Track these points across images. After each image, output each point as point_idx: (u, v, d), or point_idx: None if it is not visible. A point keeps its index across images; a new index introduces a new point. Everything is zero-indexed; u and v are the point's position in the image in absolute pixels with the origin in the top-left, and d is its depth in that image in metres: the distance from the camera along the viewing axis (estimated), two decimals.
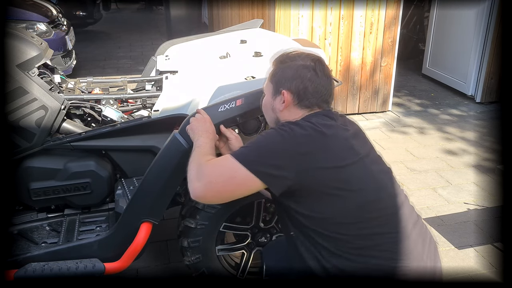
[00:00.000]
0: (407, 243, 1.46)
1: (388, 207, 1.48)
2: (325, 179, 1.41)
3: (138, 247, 1.96)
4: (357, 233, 1.43)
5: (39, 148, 2.05)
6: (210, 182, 1.44)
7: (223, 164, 1.46)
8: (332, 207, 1.42)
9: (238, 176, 1.41)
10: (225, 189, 1.45)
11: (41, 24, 5.35)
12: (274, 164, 1.39)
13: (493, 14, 4.76)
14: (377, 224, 1.44)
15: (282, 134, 1.43)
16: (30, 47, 2.12)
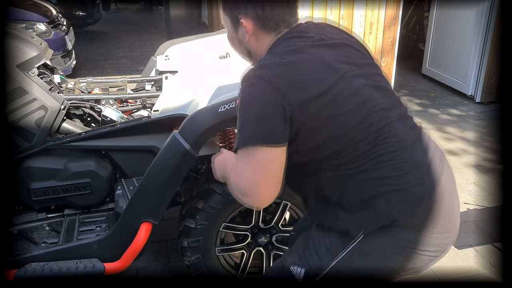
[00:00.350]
0: (413, 156, 1.36)
1: (380, 119, 1.35)
2: (312, 111, 1.30)
3: (138, 247, 1.96)
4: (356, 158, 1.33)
5: (39, 148, 2.05)
6: (249, 187, 1.33)
7: (240, 166, 1.34)
8: (323, 137, 1.32)
9: (259, 160, 1.29)
10: (263, 178, 1.31)
11: (41, 24, 5.35)
12: (272, 124, 1.28)
13: (493, 14, 4.76)
14: (375, 143, 1.33)
15: (254, 91, 1.30)
16: (30, 47, 2.12)
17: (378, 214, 1.34)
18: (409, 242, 1.35)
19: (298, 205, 2.16)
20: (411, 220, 1.35)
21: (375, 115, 1.35)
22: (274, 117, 1.28)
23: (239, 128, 1.32)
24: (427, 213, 1.35)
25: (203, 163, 2.27)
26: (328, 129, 1.32)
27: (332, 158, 1.34)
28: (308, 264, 1.45)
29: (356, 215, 1.36)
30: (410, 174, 1.35)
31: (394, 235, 1.35)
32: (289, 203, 2.15)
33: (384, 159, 1.33)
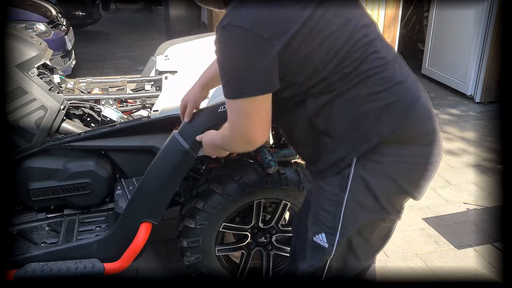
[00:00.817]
0: (394, 72, 1.39)
1: (363, 36, 1.36)
2: (298, 45, 1.28)
3: (137, 247, 1.96)
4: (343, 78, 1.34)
5: (38, 148, 2.05)
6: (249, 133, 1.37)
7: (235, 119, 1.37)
8: (312, 67, 1.32)
9: (252, 109, 1.32)
10: (259, 123, 1.35)
11: (41, 24, 5.35)
12: (262, 73, 1.29)
13: (492, 14, 4.76)
14: (360, 61, 1.34)
15: (237, 42, 1.28)
16: (29, 47, 2.12)
17: (368, 135, 1.37)
18: (406, 156, 1.40)
19: (298, 205, 2.15)
20: (400, 135, 1.38)
21: (358, 33, 1.35)
22: (263, 65, 1.28)
23: (226, 80, 1.32)
24: (413, 127, 1.40)
25: (202, 163, 2.27)
26: (316, 57, 1.31)
27: (319, 84, 1.35)
28: (324, 225, 1.48)
29: (346, 140, 1.39)
30: (394, 89, 1.38)
31: (386, 154, 1.38)
32: (289, 203, 2.15)
33: (368, 74, 1.35)
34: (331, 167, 1.44)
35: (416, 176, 1.45)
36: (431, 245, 2.76)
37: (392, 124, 1.37)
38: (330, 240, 1.47)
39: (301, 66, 1.31)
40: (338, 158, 1.41)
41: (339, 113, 1.37)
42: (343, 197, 1.42)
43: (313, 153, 1.49)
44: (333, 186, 1.44)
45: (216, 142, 1.58)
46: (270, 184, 2.05)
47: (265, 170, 2.02)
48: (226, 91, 1.34)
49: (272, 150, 2.10)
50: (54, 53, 4.25)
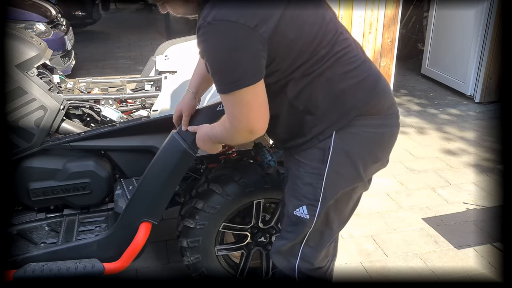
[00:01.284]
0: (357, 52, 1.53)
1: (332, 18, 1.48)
2: (282, 32, 1.34)
3: (137, 247, 1.96)
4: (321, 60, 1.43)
5: (38, 148, 2.05)
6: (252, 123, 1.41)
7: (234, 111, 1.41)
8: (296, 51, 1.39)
9: (249, 98, 1.36)
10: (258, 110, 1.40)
11: (40, 24, 5.34)
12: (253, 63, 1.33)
13: (492, 14, 4.76)
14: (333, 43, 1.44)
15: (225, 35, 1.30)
16: (29, 47, 2.12)
17: (346, 109, 1.49)
18: (377, 126, 1.54)
19: None
20: (372, 107, 1.51)
21: (326, 18, 1.46)
22: (254, 53, 1.32)
23: (223, 74, 1.35)
24: (381, 99, 1.54)
25: (202, 163, 2.27)
26: (300, 41, 1.38)
27: (300, 67, 1.42)
28: (305, 197, 1.57)
29: (326, 116, 1.49)
30: (361, 66, 1.51)
31: (360, 125, 1.50)
32: None
33: (340, 55, 1.46)
34: (310, 140, 1.53)
35: (385, 143, 1.60)
36: (431, 245, 2.76)
37: (366, 98, 1.50)
38: (311, 211, 1.57)
39: (287, 51, 1.38)
40: (318, 132, 1.51)
41: (319, 92, 1.47)
42: (324, 169, 1.52)
43: (292, 130, 1.56)
44: (313, 160, 1.53)
45: (211, 135, 1.61)
46: (270, 184, 2.05)
47: (265, 170, 2.03)
48: (221, 86, 1.37)
49: (272, 150, 2.10)
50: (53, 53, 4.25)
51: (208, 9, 1.33)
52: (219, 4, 1.31)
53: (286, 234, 1.68)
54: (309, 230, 1.61)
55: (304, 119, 1.51)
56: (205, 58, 1.36)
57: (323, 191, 1.54)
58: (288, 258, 1.68)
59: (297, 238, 1.64)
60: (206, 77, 1.79)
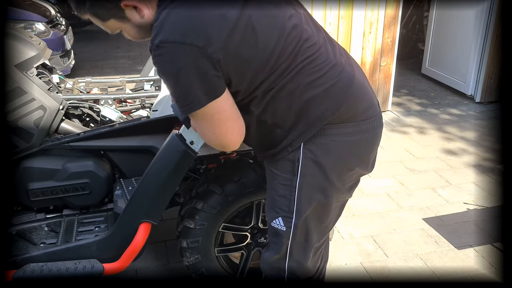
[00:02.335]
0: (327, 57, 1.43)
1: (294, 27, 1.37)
2: (233, 50, 1.27)
3: (137, 247, 1.95)
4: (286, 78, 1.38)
5: (37, 148, 2.05)
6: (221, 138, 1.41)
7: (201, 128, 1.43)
8: (252, 70, 1.33)
9: (212, 114, 1.33)
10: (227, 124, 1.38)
11: (40, 24, 5.34)
12: (207, 81, 1.28)
13: (492, 14, 4.76)
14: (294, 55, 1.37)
15: (173, 58, 1.25)
16: (28, 47, 2.12)
17: (312, 120, 1.43)
18: (349, 134, 1.47)
19: None
20: (341, 115, 1.44)
21: (287, 26, 1.36)
22: (202, 74, 1.26)
23: (177, 96, 1.32)
24: (352, 105, 1.46)
25: (202, 163, 2.26)
26: (255, 60, 1.32)
27: (260, 86, 1.37)
28: (280, 209, 1.55)
29: (293, 128, 1.45)
30: (329, 73, 1.42)
31: (330, 134, 1.45)
32: None
33: (303, 65, 1.38)
34: (281, 151, 1.50)
35: (361, 150, 1.53)
36: (431, 245, 2.76)
37: (333, 107, 1.43)
38: (287, 223, 1.55)
39: (242, 71, 1.32)
40: (287, 143, 1.48)
41: (284, 106, 1.42)
42: (295, 180, 1.50)
43: (264, 142, 1.54)
44: (284, 171, 1.52)
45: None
46: None
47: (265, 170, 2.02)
48: (180, 108, 1.34)
49: None
50: (53, 53, 4.25)
51: (155, 31, 1.27)
52: (166, 25, 1.25)
53: (271, 245, 1.68)
54: (289, 242, 1.58)
55: (274, 132, 1.48)
56: (160, 75, 1.32)
57: (297, 203, 1.52)
58: (277, 271, 1.67)
59: (280, 250, 1.62)
60: None
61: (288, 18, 1.38)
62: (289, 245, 1.60)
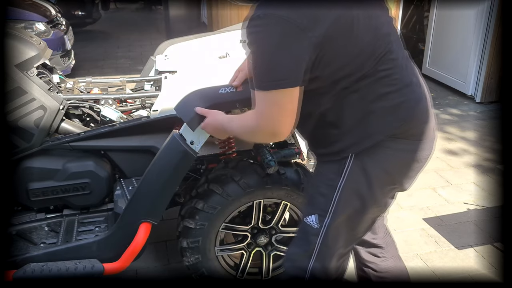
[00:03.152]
0: (403, 75, 1.46)
1: (384, 36, 1.42)
2: (330, 38, 1.29)
3: (137, 247, 1.95)
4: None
5: (37, 148, 2.05)
6: (278, 126, 1.38)
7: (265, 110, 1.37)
8: (341, 60, 1.34)
9: (285, 101, 1.33)
10: (288, 115, 1.36)
11: (40, 24, 5.34)
12: (296, 65, 1.29)
13: (493, 14, 4.75)
14: (378, 61, 1.39)
15: (273, 31, 1.26)
16: (28, 47, 2.12)
17: (371, 132, 1.44)
18: (402, 150, 1.48)
19: (297, 205, 2.15)
20: (399, 132, 1.46)
21: (380, 31, 1.40)
22: (300, 56, 1.28)
23: (263, 71, 1.31)
24: (412, 126, 1.48)
25: (202, 163, 2.26)
26: (345, 52, 1.33)
27: (340, 81, 1.38)
28: (317, 207, 1.56)
29: (350, 134, 1.45)
30: (402, 91, 1.45)
31: (383, 146, 1.45)
32: (289, 204, 2.14)
33: (382, 75, 1.40)
34: (331, 154, 1.51)
35: (408, 168, 1.53)
36: (431, 245, 2.75)
37: (395, 124, 1.45)
38: (320, 222, 1.55)
39: (332, 59, 1.33)
40: (339, 149, 1.48)
41: (350, 109, 1.43)
42: (339, 182, 1.50)
43: (315, 138, 1.56)
44: (330, 172, 1.52)
45: (227, 127, 1.58)
46: (270, 184, 2.04)
47: (265, 170, 2.02)
48: (261, 82, 1.33)
49: (272, 150, 2.10)
50: (53, 52, 4.25)
51: (260, 3, 1.30)
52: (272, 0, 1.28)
53: (297, 241, 1.67)
54: (318, 241, 1.57)
55: (329, 131, 1.48)
56: (251, 51, 1.32)
57: (335, 205, 1.51)
58: (298, 270, 1.65)
59: (307, 248, 1.61)
60: None
61: (383, 24, 1.42)
62: (318, 244, 1.59)
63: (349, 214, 1.54)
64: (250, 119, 1.44)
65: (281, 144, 2.35)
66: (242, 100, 1.81)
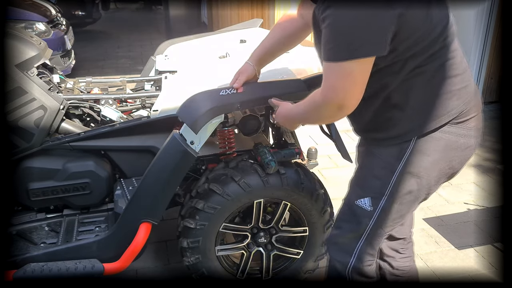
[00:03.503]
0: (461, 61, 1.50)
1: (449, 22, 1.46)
2: (410, 10, 1.30)
3: (137, 247, 1.95)
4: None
5: (38, 148, 2.05)
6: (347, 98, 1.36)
7: (336, 81, 1.35)
8: (416, 36, 1.35)
9: (357, 72, 1.33)
10: (358, 87, 1.36)
11: (40, 24, 5.34)
12: (375, 36, 1.29)
13: (493, 14, 4.75)
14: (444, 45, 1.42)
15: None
16: (29, 47, 2.12)
17: (437, 114, 1.46)
18: (461, 135, 1.50)
19: (298, 205, 2.15)
20: (462, 116, 1.49)
21: (447, 19, 1.44)
22: (383, 25, 1.28)
23: (341, 37, 1.30)
24: (472, 110, 1.52)
25: (202, 163, 2.26)
26: (423, 26, 1.34)
27: (413, 57, 1.39)
28: (371, 190, 1.57)
29: (415, 116, 1.47)
30: (464, 75, 1.49)
31: (444, 131, 1.48)
32: (289, 204, 2.14)
33: (450, 57, 1.44)
34: (391, 139, 1.52)
35: (464, 154, 1.55)
36: (431, 245, 2.76)
37: (461, 107, 1.48)
38: (374, 204, 1.57)
39: (409, 32, 1.33)
40: (401, 132, 1.50)
41: (417, 90, 1.44)
42: (398, 166, 1.51)
43: (377, 123, 1.54)
44: (389, 156, 1.53)
45: (295, 112, 1.61)
46: (270, 184, 2.04)
47: (265, 170, 2.02)
48: (336, 53, 1.32)
49: (272, 150, 2.09)
50: (53, 52, 4.25)
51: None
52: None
53: (342, 224, 1.68)
54: (369, 223, 1.59)
55: (392, 114, 1.49)
56: (328, 23, 1.31)
57: (392, 187, 1.53)
58: (344, 253, 1.66)
59: (355, 230, 1.62)
60: (272, 50, 1.82)
61: (448, 12, 1.47)
62: (370, 226, 1.60)
63: (402, 198, 1.55)
64: (318, 95, 1.43)
65: (281, 144, 2.35)
66: (243, 101, 1.82)
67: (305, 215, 2.19)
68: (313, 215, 2.18)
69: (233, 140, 2.21)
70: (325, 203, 2.18)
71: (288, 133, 2.43)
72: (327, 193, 2.21)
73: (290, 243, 2.30)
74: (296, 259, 2.30)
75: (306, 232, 2.23)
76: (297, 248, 2.29)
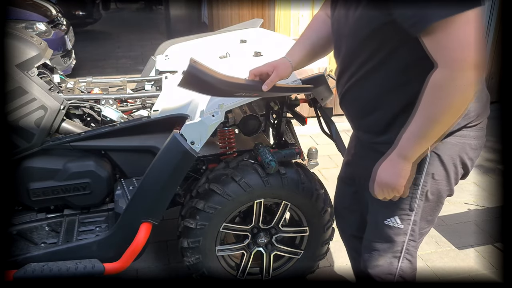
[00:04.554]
0: None
1: None
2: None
3: (137, 247, 1.95)
4: None
5: (38, 148, 2.05)
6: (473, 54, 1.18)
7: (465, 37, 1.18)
8: None
9: (475, 24, 1.17)
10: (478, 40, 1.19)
11: (41, 24, 5.35)
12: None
13: (493, 14, 4.75)
14: None
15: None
16: (29, 47, 2.12)
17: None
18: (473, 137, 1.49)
19: (298, 205, 2.15)
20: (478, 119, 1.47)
21: None
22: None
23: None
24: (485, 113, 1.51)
25: (203, 163, 2.27)
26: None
27: None
28: (398, 207, 1.53)
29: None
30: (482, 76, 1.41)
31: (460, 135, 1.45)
32: (290, 204, 2.15)
33: None
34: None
35: (475, 155, 1.53)
36: (432, 245, 2.76)
37: (478, 110, 1.45)
38: (405, 220, 1.55)
39: None
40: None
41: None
42: (420, 179, 1.48)
43: (388, 120, 1.46)
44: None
45: (405, 149, 1.37)
46: (271, 185, 2.05)
47: (265, 170, 2.02)
48: (455, 8, 1.17)
49: (272, 150, 2.10)
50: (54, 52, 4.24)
51: None
52: None
53: (377, 245, 1.64)
54: (405, 240, 1.57)
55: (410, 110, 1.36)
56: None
57: (417, 201, 1.52)
58: (388, 275, 1.63)
59: (394, 250, 1.60)
60: (313, 52, 1.70)
61: None
62: (405, 242, 1.58)
63: (429, 208, 1.54)
64: (439, 75, 1.24)
65: (281, 144, 2.35)
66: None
67: (305, 215, 2.19)
68: (314, 215, 2.18)
69: (233, 140, 2.21)
70: (325, 203, 2.18)
71: (289, 133, 2.44)
72: (327, 193, 2.21)
73: (290, 243, 2.31)
74: (296, 259, 2.31)
75: (306, 232, 2.23)
76: (297, 248, 2.29)
